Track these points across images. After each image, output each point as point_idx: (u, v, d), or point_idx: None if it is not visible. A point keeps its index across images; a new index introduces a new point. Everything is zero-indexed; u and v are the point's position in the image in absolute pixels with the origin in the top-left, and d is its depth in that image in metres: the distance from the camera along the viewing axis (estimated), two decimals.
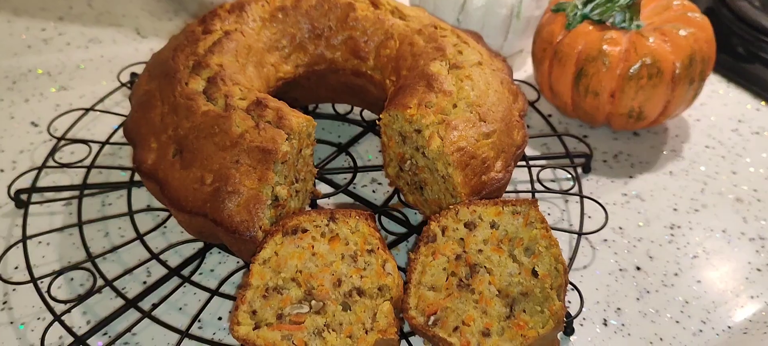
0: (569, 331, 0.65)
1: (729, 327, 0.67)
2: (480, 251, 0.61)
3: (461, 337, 0.55)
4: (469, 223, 0.63)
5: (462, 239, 0.62)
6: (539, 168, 0.83)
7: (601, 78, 0.82)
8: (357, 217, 0.63)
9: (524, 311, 0.56)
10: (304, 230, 0.62)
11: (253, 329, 0.56)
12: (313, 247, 0.61)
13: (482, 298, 0.58)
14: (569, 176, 0.83)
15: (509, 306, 0.57)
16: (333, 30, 0.80)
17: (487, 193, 0.67)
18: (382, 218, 0.76)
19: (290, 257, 0.60)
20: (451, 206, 0.65)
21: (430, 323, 0.57)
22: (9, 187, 0.77)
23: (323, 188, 0.80)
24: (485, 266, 0.60)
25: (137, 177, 0.80)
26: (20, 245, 0.72)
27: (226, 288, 0.69)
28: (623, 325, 0.67)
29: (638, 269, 0.73)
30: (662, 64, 0.80)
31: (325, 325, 0.56)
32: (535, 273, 0.58)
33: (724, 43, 1.05)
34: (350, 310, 0.57)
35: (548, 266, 0.58)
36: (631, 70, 0.80)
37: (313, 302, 0.57)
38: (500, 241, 0.62)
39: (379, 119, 0.72)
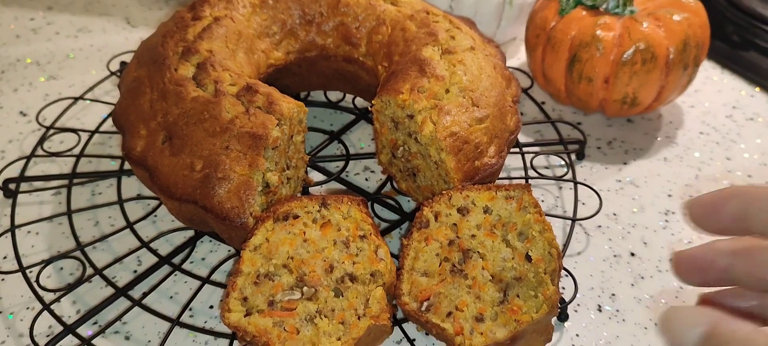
0: (563, 317, 0.65)
1: None
2: (473, 236, 0.60)
3: (454, 322, 0.55)
4: (462, 208, 0.62)
5: (455, 224, 0.62)
6: (533, 155, 0.82)
7: (595, 64, 0.81)
8: (349, 203, 0.63)
9: (518, 296, 0.56)
10: (296, 216, 0.61)
11: (245, 316, 0.55)
12: (304, 233, 0.60)
13: (475, 283, 0.57)
14: (563, 162, 0.83)
15: (503, 291, 0.56)
16: (324, 16, 0.79)
17: (480, 178, 0.66)
18: (375, 205, 0.75)
19: (281, 244, 0.59)
20: (443, 192, 0.64)
21: (423, 309, 0.56)
22: None
23: (315, 175, 0.79)
24: (478, 252, 0.59)
25: (127, 166, 0.79)
26: (8, 234, 0.71)
27: (217, 276, 0.69)
28: (618, 311, 0.67)
29: (633, 255, 0.72)
30: (656, 49, 0.79)
31: (317, 311, 0.55)
32: (528, 258, 0.58)
33: (717, 29, 1.04)
34: (342, 296, 0.56)
35: (542, 251, 0.58)
36: (624, 56, 0.80)
37: (305, 288, 0.56)
38: (493, 226, 0.61)
39: (372, 106, 0.71)
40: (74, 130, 0.82)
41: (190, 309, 0.66)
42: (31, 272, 0.68)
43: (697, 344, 0.38)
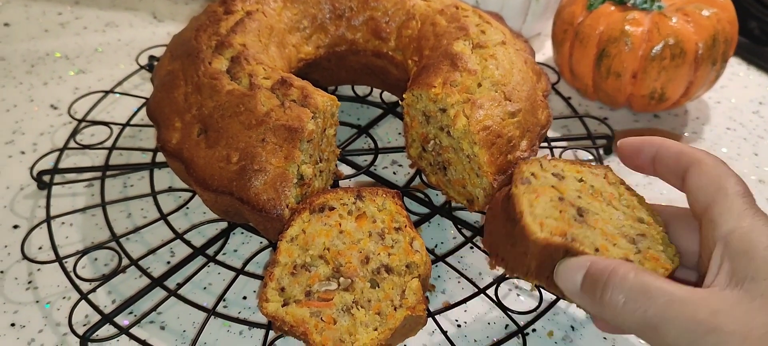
0: None
1: None
2: (579, 197, 0.57)
3: (603, 253, 0.51)
4: (556, 174, 0.59)
5: (553, 186, 0.58)
6: (561, 149, 0.82)
7: (624, 59, 0.81)
8: (384, 195, 0.63)
9: (649, 249, 0.53)
10: (331, 208, 0.62)
11: (282, 306, 0.56)
12: (340, 225, 0.61)
13: (604, 233, 0.54)
14: (591, 157, 0.83)
15: (633, 243, 0.53)
16: (354, 10, 0.80)
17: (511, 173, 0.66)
18: (405, 198, 0.75)
19: (318, 235, 0.60)
20: (532, 159, 0.60)
21: (568, 238, 0.52)
22: (31, 168, 0.78)
23: (345, 169, 0.80)
24: (591, 210, 0.56)
25: (159, 158, 0.80)
26: (43, 225, 0.72)
27: (251, 267, 0.69)
28: None
29: None
30: (685, 44, 0.80)
31: (353, 302, 0.56)
32: (641, 220, 0.55)
33: (741, 25, 1.04)
34: (378, 287, 0.57)
35: (649, 217, 0.56)
36: (653, 51, 0.80)
37: (342, 279, 0.57)
38: (591, 193, 0.58)
39: (402, 100, 0.72)
40: (106, 123, 0.83)
41: (224, 300, 0.67)
42: (67, 262, 0.68)
43: (581, 285, 0.49)
